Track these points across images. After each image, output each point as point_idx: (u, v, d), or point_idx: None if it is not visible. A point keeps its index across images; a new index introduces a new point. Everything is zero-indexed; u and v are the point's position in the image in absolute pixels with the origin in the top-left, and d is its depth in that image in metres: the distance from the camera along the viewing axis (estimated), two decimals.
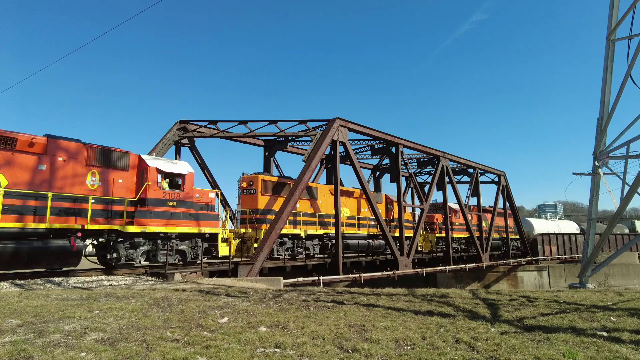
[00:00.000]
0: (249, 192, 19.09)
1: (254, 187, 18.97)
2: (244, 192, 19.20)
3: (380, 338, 5.63)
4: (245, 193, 19.16)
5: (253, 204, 18.78)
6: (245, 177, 19.44)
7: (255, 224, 18.43)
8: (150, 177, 14.09)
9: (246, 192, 19.14)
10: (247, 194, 19.10)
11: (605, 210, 75.52)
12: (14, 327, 5.62)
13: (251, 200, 18.88)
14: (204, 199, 15.81)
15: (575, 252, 37.56)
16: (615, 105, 17.59)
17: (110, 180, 13.47)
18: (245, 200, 19.05)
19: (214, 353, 4.79)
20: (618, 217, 17.74)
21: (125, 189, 13.84)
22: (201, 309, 7.43)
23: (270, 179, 19.63)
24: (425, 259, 26.96)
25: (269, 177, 19.66)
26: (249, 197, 19.02)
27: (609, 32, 18.05)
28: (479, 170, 32.09)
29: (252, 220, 18.44)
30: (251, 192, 19.01)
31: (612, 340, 5.76)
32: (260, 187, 18.90)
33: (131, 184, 14.09)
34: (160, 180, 14.43)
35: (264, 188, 19.11)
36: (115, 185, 13.57)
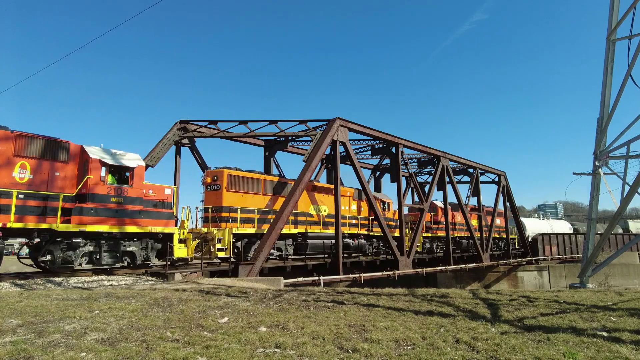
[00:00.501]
0: (213, 188, 17.37)
1: (218, 182, 17.21)
2: (207, 188, 17.54)
3: (380, 338, 5.63)
4: (209, 189, 17.47)
5: (217, 201, 17.04)
6: (209, 171, 17.91)
7: (218, 222, 16.72)
8: (93, 170, 12.70)
9: (210, 188, 17.45)
10: (211, 190, 17.41)
11: (605, 210, 75.61)
12: (14, 327, 5.63)
13: (215, 196, 17.18)
14: (157, 196, 14.42)
15: (576, 252, 37.53)
16: (616, 105, 17.57)
17: (45, 173, 12.09)
18: (209, 197, 17.42)
19: (214, 353, 4.79)
20: (618, 217, 17.72)
21: (65, 183, 12.46)
22: (201, 309, 7.43)
23: (237, 173, 17.85)
24: (426, 259, 26.95)
25: (236, 171, 17.85)
26: (213, 193, 17.33)
27: (609, 32, 18.04)
28: (479, 170, 32.08)
29: (215, 219, 16.76)
30: (215, 188, 17.28)
31: (613, 341, 5.76)
32: (226, 183, 17.16)
33: (71, 177, 12.71)
34: (104, 173, 13.04)
35: (230, 184, 17.36)
36: (52, 179, 12.18)
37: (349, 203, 23.05)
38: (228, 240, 16.03)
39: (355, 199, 23.52)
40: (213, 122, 20.43)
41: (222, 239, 16.08)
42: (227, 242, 16.00)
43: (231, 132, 20.58)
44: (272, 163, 24.55)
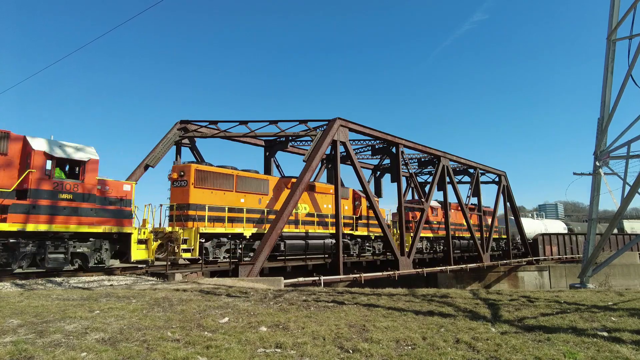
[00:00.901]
0: (179, 184, 16.10)
1: (185, 178, 15.98)
2: (173, 184, 16.27)
3: (380, 338, 5.64)
4: (176, 185, 16.20)
5: (184, 198, 15.83)
6: (175, 166, 16.66)
7: (184, 221, 15.54)
8: (35, 163, 11.56)
9: (177, 184, 16.17)
10: (177, 187, 16.14)
11: (606, 210, 75.53)
12: (15, 327, 5.63)
13: (182, 193, 15.95)
14: (114, 192, 13.30)
15: (576, 252, 37.51)
16: (616, 105, 17.57)
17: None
18: (175, 194, 16.19)
19: (214, 353, 4.80)
20: (619, 217, 17.73)
21: (2, 178, 11.28)
22: (202, 309, 7.43)
23: (206, 168, 16.70)
24: (426, 259, 26.94)
25: (205, 166, 16.75)
26: (179, 189, 16.07)
27: (609, 32, 18.04)
28: (479, 170, 32.07)
29: (181, 218, 15.65)
30: (182, 184, 16.04)
31: (613, 341, 5.76)
32: (193, 178, 15.97)
33: (12, 171, 11.56)
34: (50, 167, 11.93)
35: (199, 179, 16.18)
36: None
37: (331, 201, 21.73)
38: (195, 240, 14.88)
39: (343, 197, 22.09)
40: (213, 122, 20.45)
41: (188, 239, 14.96)
42: (193, 242, 14.86)
43: (231, 132, 20.59)
44: (273, 163, 24.57)
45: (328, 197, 21.68)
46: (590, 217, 19.10)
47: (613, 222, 18.14)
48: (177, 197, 16.13)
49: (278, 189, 19.39)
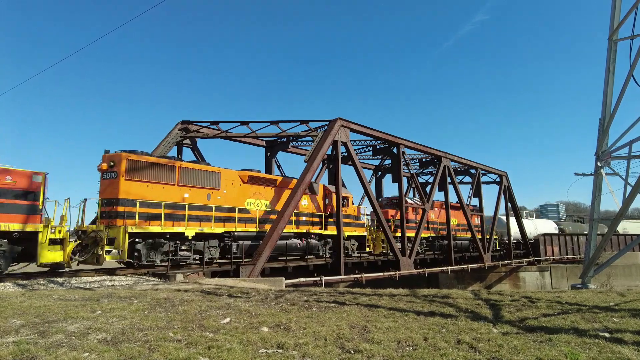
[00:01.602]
0: (109, 175, 14.13)
1: (115, 169, 14.02)
2: (103, 175, 14.27)
3: (382, 339, 5.64)
4: (105, 177, 14.19)
5: (113, 192, 13.87)
6: (105, 155, 14.44)
7: (111, 218, 13.55)
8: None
9: (106, 175, 14.18)
10: (107, 179, 14.16)
11: (607, 211, 75.37)
12: (17, 328, 5.65)
13: (111, 186, 13.98)
14: (20, 184, 11.63)
15: (578, 253, 37.43)
16: (618, 106, 17.54)
17: None
18: (104, 187, 14.18)
19: (216, 353, 4.81)
20: (621, 217, 17.69)
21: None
22: (203, 309, 7.45)
23: (142, 158, 14.64)
24: (427, 259, 26.91)
25: (140, 156, 14.69)
26: (109, 182, 14.09)
27: (611, 32, 18.01)
28: (480, 171, 32.03)
29: (109, 214, 13.70)
30: (112, 175, 14.05)
31: (615, 341, 5.76)
32: (125, 170, 14.02)
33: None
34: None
35: (131, 171, 14.24)
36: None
37: None
38: (123, 240, 13.08)
39: (307, 193, 20.25)
40: (214, 122, 20.48)
41: (116, 239, 13.11)
42: (121, 243, 13.05)
43: (232, 133, 20.61)
44: (274, 163, 24.61)
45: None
46: (591, 218, 19.07)
47: (615, 223, 18.11)
48: (106, 190, 14.13)
49: (234, 183, 17.27)
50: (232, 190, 17.27)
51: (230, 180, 17.31)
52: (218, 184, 16.79)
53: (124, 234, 13.23)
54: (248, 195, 17.85)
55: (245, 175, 17.82)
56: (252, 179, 18.12)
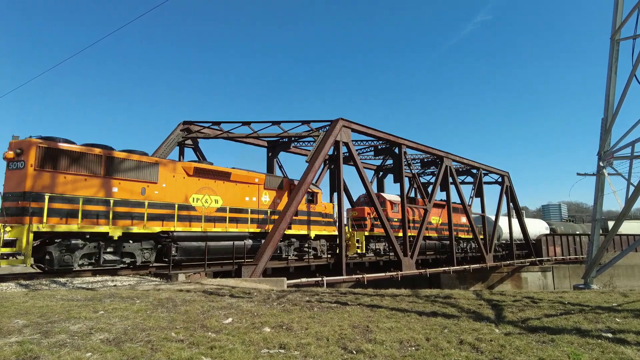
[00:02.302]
0: (15, 165, 12.16)
1: (23, 158, 12.06)
2: (9, 165, 12.34)
3: (384, 339, 5.64)
4: (11, 167, 12.24)
5: (19, 185, 11.92)
6: (12, 142, 12.40)
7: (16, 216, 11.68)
8: None
9: (12, 166, 12.22)
10: (12, 169, 12.20)
11: (610, 211, 75.19)
12: (20, 328, 5.67)
13: (17, 178, 12.03)
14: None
15: (580, 253, 37.33)
16: (620, 105, 17.51)
17: None
18: (8, 179, 12.25)
19: (218, 354, 4.81)
20: (623, 217, 17.64)
21: None
22: (205, 309, 7.45)
23: (57, 145, 12.63)
24: (429, 259, 26.88)
25: (54, 143, 12.64)
26: (14, 173, 12.14)
27: (613, 31, 17.98)
28: (482, 171, 32.00)
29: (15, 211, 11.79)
30: (18, 165, 12.10)
31: (618, 342, 5.74)
32: (34, 159, 12.04)
33: None
34: None
35: (44, 160, 12.26)
36: None
37: (257, 192, 18.20)
38: (26, 241, 11.32)
39: (269, 188, 18.76)
40: (216, 123, 20.51)
41: (20, 240, 11.34)
42: (24, 244, 11.29)
43: (234, 133, 20.64)
44: (275, 164, 24.63)
45: (252, 187, 18.04)
46: (594, 218, 19.02)
47: (617, 223, 18.06)
48: (10, 183, 12.22)
49: (176, 176, 15.32)
50: (174, 184, 15.24)
51: (171, 173, 15.32)
52: (155, 176, 14.77)
53: (28, 234, 11.40)
54: (194, 190, 15.79)
55: (190, 168, 15.88)
56: (199, 172, 16.10)
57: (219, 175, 16.87)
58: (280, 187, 19.32)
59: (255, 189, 18.20)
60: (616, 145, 17.83)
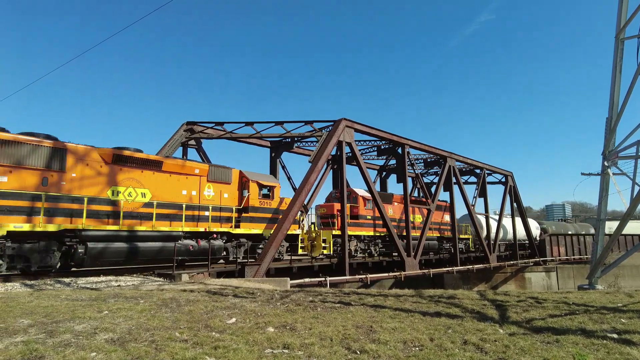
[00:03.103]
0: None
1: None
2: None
3: (388, 339, 5.63)
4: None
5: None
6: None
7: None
8: None
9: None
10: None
11: (614, 211, 74.88)
12: (25, 327, 5.69)
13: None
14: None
15: (584, 253, 37.14)
16: (625, 105, 17.42)
17: None
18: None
19: (222, 354, 4.82)
20: (628, 217, 17.55)
21: None
22: (209, 309, 7.47)
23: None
24: (432, 259, 26.83)
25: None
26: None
27: (618, 30, 17.89)
28: (485, 171, 31.91)
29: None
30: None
31: (623, 342, 5.71)
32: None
33: None
34: None
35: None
36: None
37: (198, 186, 15.99)
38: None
39: (214, 181, 16.56)
40: (219, 123, 20.56)
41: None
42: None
43: (237, 134, 20.69)
44: (278, 164, 24.66)
45: (192, 180, 15.78)
46: (598, 218, 18.93)
47: (622, 223, 17.95)
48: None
49: (90, 164, 13.17)
50: (87, 173, 13.08)
51: (84, 161, 13.08)
52: (62, 164, 12.61)
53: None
54: (115, 182, 13.59)
55: (109, 154, 13.53)
56: (121, 160, 13.84)
57: (147, 165, 14.56)
58: (228, 180, 16.96)
59: (196, 181, 15.91)
60: (621, 145, 17.75)
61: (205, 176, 16.24)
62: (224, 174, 16.90)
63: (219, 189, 16.67)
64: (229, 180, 17.06)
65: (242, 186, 17.52)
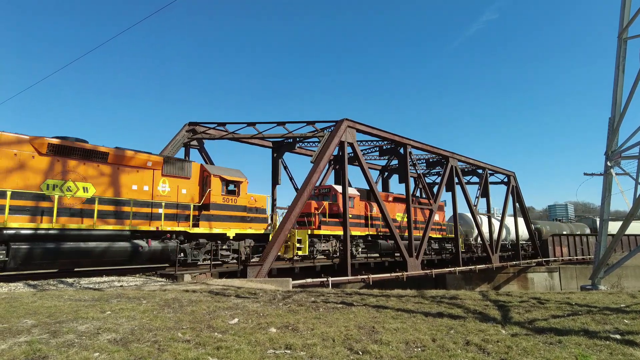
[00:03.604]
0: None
1: None
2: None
3: (390, 340, 5.63)
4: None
5: None
6: None
7: None
8: None
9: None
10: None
11: (617, 211, 74.59)
12: (29, 327, 5.72)
13: None
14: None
15: (587, 254, 37.03)
16: (628, 105, 17.37)
17: None
18: None
19: (224, 354, 4.83)
20: (631, 217, 17.48)
21: None
22: (211, 310, 7.48)
23: None
24: (435, 260, 26.80)
25: None
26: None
27: (620, 30, 17.84)
28: (488, 171, 31.86)
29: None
30: None
31: (626, 343, 5.69)
32: None
33: None
34: None
35: None
36: None
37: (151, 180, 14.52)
38: None
39: (170, 175, 15.00)
40: (221, 124, 20.60)
41: None
42: None
43: (239, 134, 20.73)
44: (280, 164, 24.70)
45: (144, 173, 14.35)
46: (601, 218, 18.87)
47: (625, 223, 17.89)
48: None
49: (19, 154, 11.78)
50: (13, 165, 11.66)
51: (12, 150, 11.62)
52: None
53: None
54: (51, 175, 12.24)
55: (43, 144, 12.09)
56: (58, 151, 12.44)
57: (90, 157, 13.14)
58: (186, 174, 15.49)
59: (148, 175, 14.49)
60: (624, 145, 17.69)
61: (160, 170, 14.78)
62: (182, 167, 15.43)
63: (176, 183, 15.13)
64: (187, 174, 15.55)
65: (204, 181, 16.06)
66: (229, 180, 16.52)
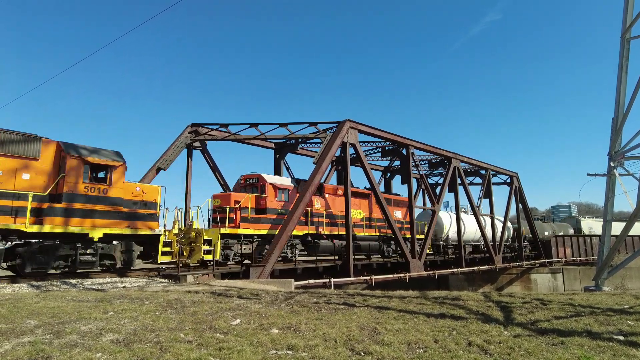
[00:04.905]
0: None
1: None
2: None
3: (392, 340, 5.63)
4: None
5: None
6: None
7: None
8: None
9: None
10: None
11: (621, 212, 74.33)
12: (32, 328, 5.75)
13: None
14: None
15: (591, 254, 36.85)
16: (631, 105, 17.29)
17: None
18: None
19: (227, 355, 4.84)
20: (635, 218, 17.39)
21: None
22: (214, 310, 7.50)
23: None
24: (437, 261, 26.73)
25: None
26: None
27: (623, 30, 17.77)
28: (490, 172, 31.78)
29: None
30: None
31: (629, 345, 5.66)
32: None
33: None
34: None
35: None
36: None
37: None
38: None
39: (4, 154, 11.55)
40: (224, 125, 20.63)
41: None
42: None
43: (242, 135, 20.75)
44: (283, 165, 24.71)
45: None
46: (605, 219, 18.78)
47: (629, 224, 17.80)
48: None
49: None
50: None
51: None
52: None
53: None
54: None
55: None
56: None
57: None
58: (32, 154, 12.02)
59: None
60: (627, 145, 17.61)
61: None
62: (25, 145, 11.78)
63: (13, 165, 11.55)
64: (34, 154, 11.97)
65: (60, 163, 12.50)
66: (94, 163, 12.76)
